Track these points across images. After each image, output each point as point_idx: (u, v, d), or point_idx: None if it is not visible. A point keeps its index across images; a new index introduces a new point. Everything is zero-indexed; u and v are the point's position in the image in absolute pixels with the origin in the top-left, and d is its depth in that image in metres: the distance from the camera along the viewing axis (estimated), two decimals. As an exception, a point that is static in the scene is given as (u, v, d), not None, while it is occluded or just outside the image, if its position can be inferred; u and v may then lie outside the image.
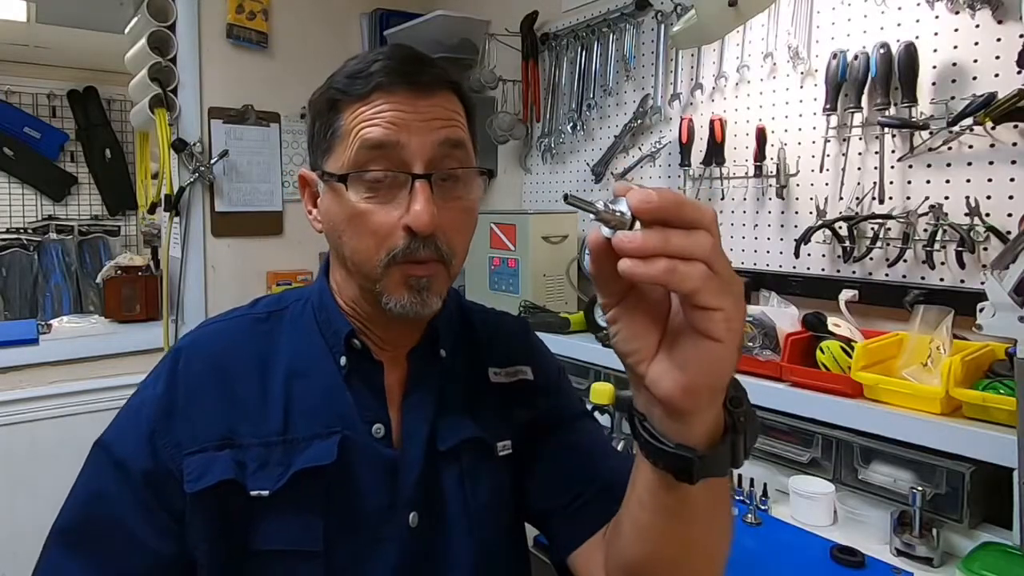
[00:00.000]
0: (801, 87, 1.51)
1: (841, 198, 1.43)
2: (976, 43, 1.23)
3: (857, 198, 1.40)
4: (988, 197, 1.22)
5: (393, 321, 0.71)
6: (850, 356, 1.18)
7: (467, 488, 0.73)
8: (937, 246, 1.26)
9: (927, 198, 1.29)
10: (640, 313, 0.49)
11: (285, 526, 0.67)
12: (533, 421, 0.78)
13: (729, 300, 0.44)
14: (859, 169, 1.41)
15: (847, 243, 1.40)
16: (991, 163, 1.22)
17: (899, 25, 1.34)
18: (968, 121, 1.20)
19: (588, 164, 2.02)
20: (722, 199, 1.68)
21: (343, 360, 0.72)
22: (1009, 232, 1.18)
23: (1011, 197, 1.19)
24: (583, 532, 0.72)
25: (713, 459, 0.50)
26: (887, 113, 1.32)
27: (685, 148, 1.71)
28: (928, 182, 1.30)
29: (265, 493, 0.66)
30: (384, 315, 0.69)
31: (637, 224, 0.44)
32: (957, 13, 1.25)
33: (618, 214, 0.45)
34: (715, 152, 1.65)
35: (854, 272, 1.42)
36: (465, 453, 0.74)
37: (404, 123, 0.65)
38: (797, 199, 1.52)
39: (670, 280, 0.43)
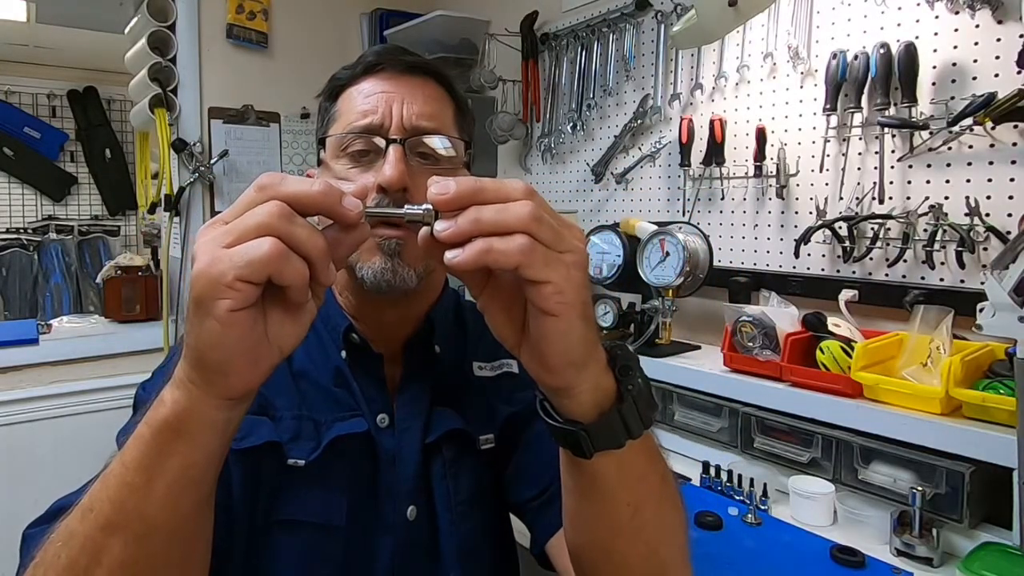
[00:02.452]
0: (801, 87, 1.51)
1: (841, 198, 1.43)
2: (976, 43, 1.23)
3: (857, 198, 1.40)
4: (988, 197, 1.22)
5: (380, 305, 0.72)
6: (850, 356, 1.18)
7: (450, 481, 0.74)
8: (937, 246, 1.26)
9: (927, 198, 1.29)
10: (500, 300, 0.48)
11: (312, 498, 0.68)
12: (514, 415, 0.79)
13: (558, 271, 0.43)
14: (859, 169, 1.41)
15: (847, 243, 1.40)
16: (991, 163, 1.21)
17: (899, 25, 1.34)
18: (968, 121, 1.20)
19: (588, 164, 2.02)
20: (722, 199, 1.68)
21: (343, 354, 0.74)
22: (1009, 232, 1.18)
23: (1011, 197, 1.19)
24: (555, 522, 0.71)
25: (604, 431, 0.48)
26: (887, 113, 1.32)
27: (685, 148, 1.70)
28: (928, 182, 1.30)
29: (300, 463, 0.68)
30: (369, 300, 0.70)
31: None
32: (957, 13, 1.25)
33: (422, 211, 0.44)
34: (715, 152, 1.65)
35: (854, 272, 1.42)
36: (447, 446, 0.75)
37: (386, 98, 0.69)
38: (797, 199, 1.52)
39: (488, 259, 0.41)
